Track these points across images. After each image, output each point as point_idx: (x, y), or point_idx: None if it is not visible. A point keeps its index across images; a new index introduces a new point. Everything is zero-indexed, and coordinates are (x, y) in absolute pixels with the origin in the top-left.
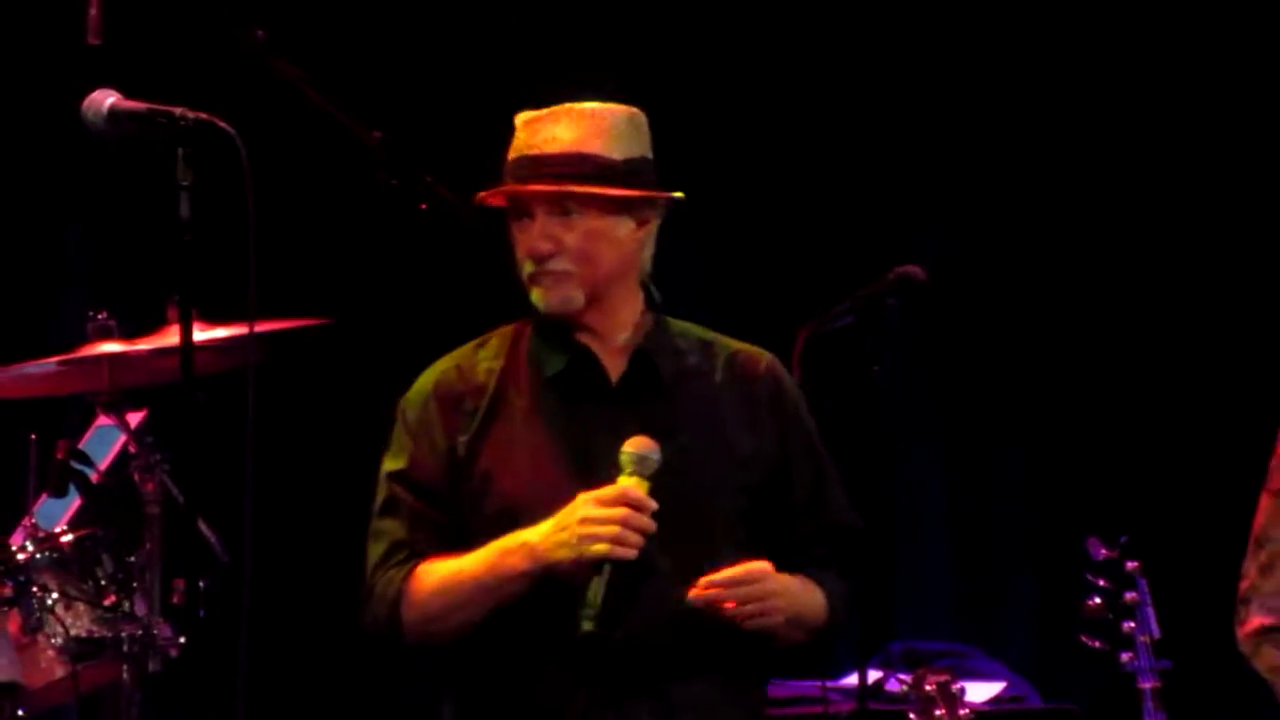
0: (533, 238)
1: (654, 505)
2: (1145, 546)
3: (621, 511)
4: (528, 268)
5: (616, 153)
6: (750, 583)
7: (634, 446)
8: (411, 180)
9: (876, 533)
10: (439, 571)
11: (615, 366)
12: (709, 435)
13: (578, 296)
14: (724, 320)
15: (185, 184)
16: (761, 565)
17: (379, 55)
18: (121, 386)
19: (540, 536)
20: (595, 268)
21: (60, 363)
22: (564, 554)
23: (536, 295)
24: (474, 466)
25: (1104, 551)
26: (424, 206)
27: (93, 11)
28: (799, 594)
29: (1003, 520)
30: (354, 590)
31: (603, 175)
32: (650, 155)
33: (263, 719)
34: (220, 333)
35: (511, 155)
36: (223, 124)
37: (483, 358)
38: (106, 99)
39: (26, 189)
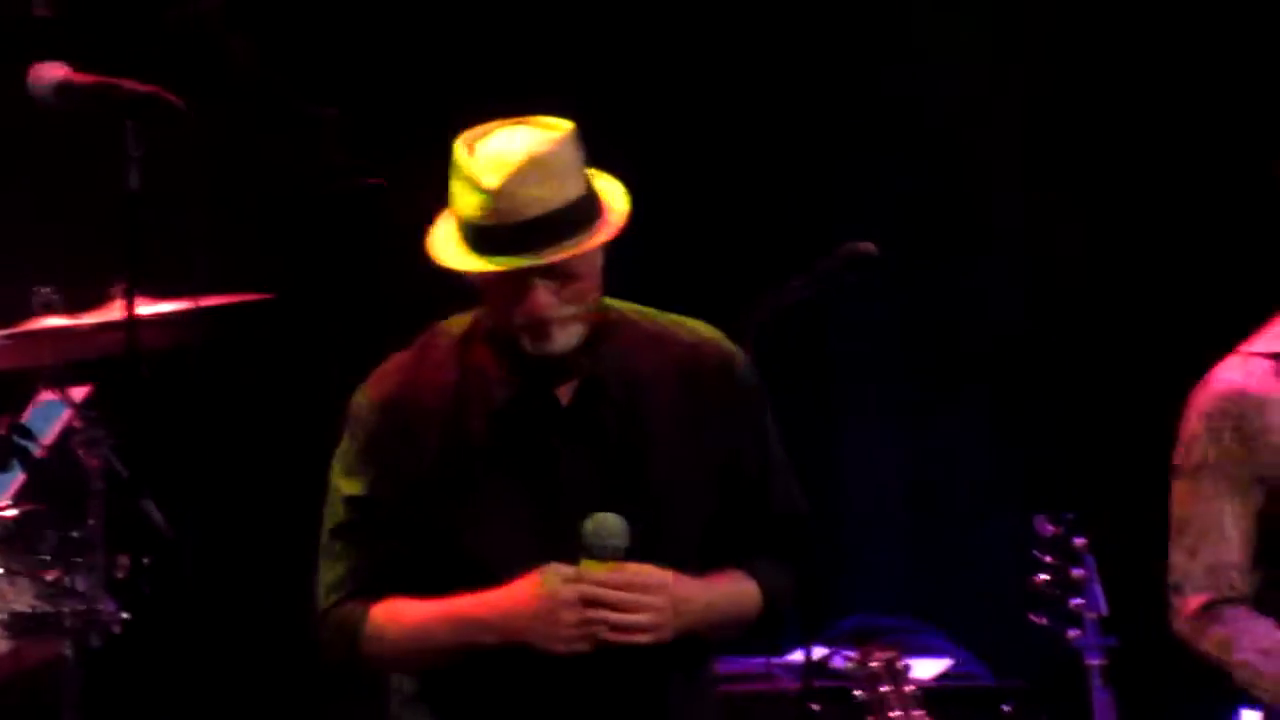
0: (534, 303)
1: (626, 597)
2: (1092, 523)
3: (602, 614)
4: (524, 323)
5: (580, 186)
6: (639, 589)
7: (597, 528)
8: (361, 156)
9: (825, 508)
10: (402, 621)
11: (566, 385)
12: (665, 450)
13: (581, 330)
14: (678, 297)
15: (134, 155)
16: (653, 572)
17: (336, 32)
18: (65, 360)
19: (514, 616)
20: (590, 300)
21: (3, 336)
22: (540, 643)
23: (538, 344)
24: (431, 501)
25: (1050, 528)
26: (374, 181)
27: None
28: (718, 600)
29: (952, 497)
30: (298, 563)
31: (585, 218)
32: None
33: (206, 696)
34: (165, 307)
35: (482, 219)
36: (171, 97)
37: (430, 369)
38: (55, 71)
39: None
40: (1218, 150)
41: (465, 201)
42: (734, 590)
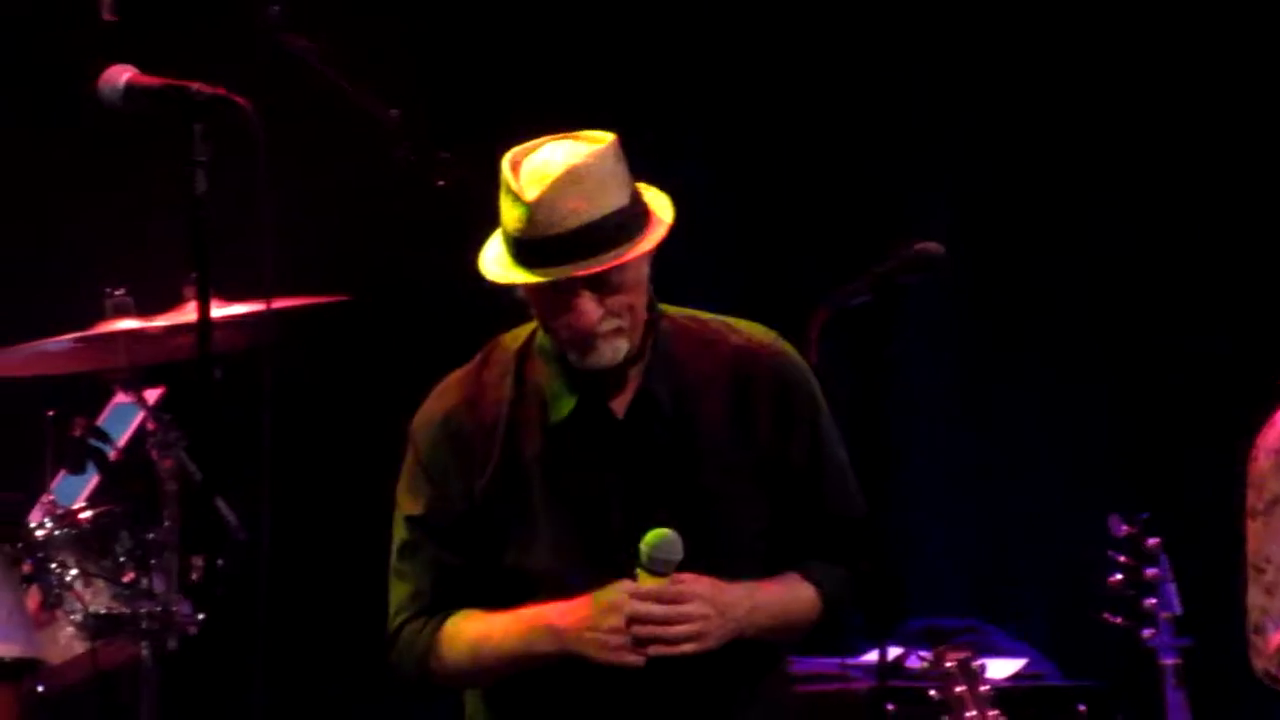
0: (582, 314)
1: (670, 611)
2: (1166, 523)
3: (647, 629)
4: (573, 335)
5: (622, 198)
6: (682, 601)
7: (654, 545)
8: (429, 157)
9: (891, 510)
10: (465, 636)
11: (619, 398)
12: (718, 459)
13: (626, 344)
14: (739, 301)
15: (201, 159)
16: (696, 582)
17: (396, 33)
18: (138, 363)
19: (569, 626)
20: (638, 313)
21: (77, 340)
22: (593, 653)
23: (584, 358)
24: (489, 517)
25: (1125, 528)
26: (441, 183)
27: None
28: (766, 602)
29: (1023, 497)
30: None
31: (627, 229)
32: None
33: (280, 698)
34: (237, 309)
35: (524, 232)
36: (238, 99)
37: (489, 384)
38: (122, 75)
39: (43, 164)
40: None
41: (509, 216)
42: (783, 593)
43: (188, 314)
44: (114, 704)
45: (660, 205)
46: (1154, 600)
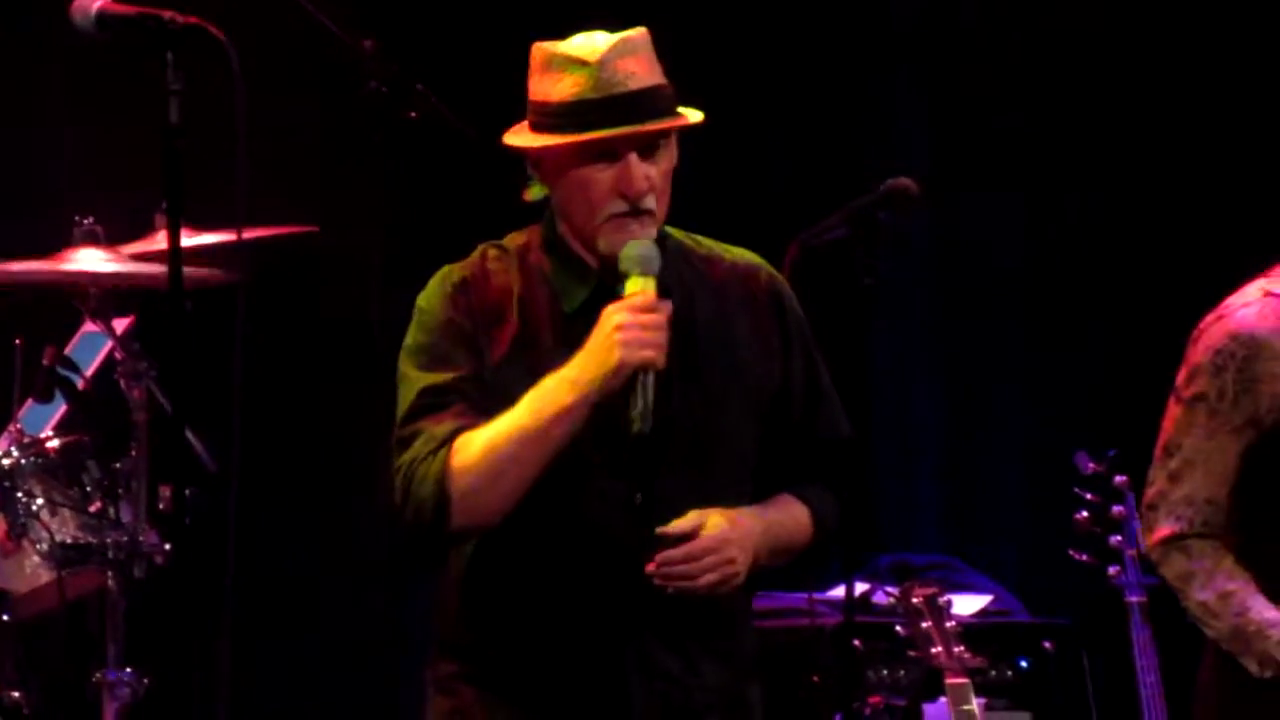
0: (631, 177)
1: (669, 306)
2: (1134, 461)
3: (656, 317)
4: (615, 207)
5: (663, 78)
6: (708, 553)
7: (635, 249)
8: (402, 88)
9: (861, 445)
10: (479, 436)
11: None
12: (725, 364)
13: (655, 229)
14: (714, 232)
15: (175, 88)
16: (716, 527)
17: None
18: (108, 292)
19: (576, 366)
20: (664, 200)
21: (46, 268)
22: (608, 364)
23: (619, 238)
24: (504, 393)
25: (1092, 465)
26: (414, 115)
27: None
28: (773, 527)
29: (991, 435)
30: (339, 496)
31: (674, 104)
32: None
33: (249, 628)
34: (208, 239)
35: (583, 94)
36: (212, 29)
37: (494, 272)
38: (95, 2)
39: (15, 91)
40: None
41: (562, 85)
42: (786, 517)
43: (158, 243)
44: (81, 633)
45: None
46: (1120, 538)
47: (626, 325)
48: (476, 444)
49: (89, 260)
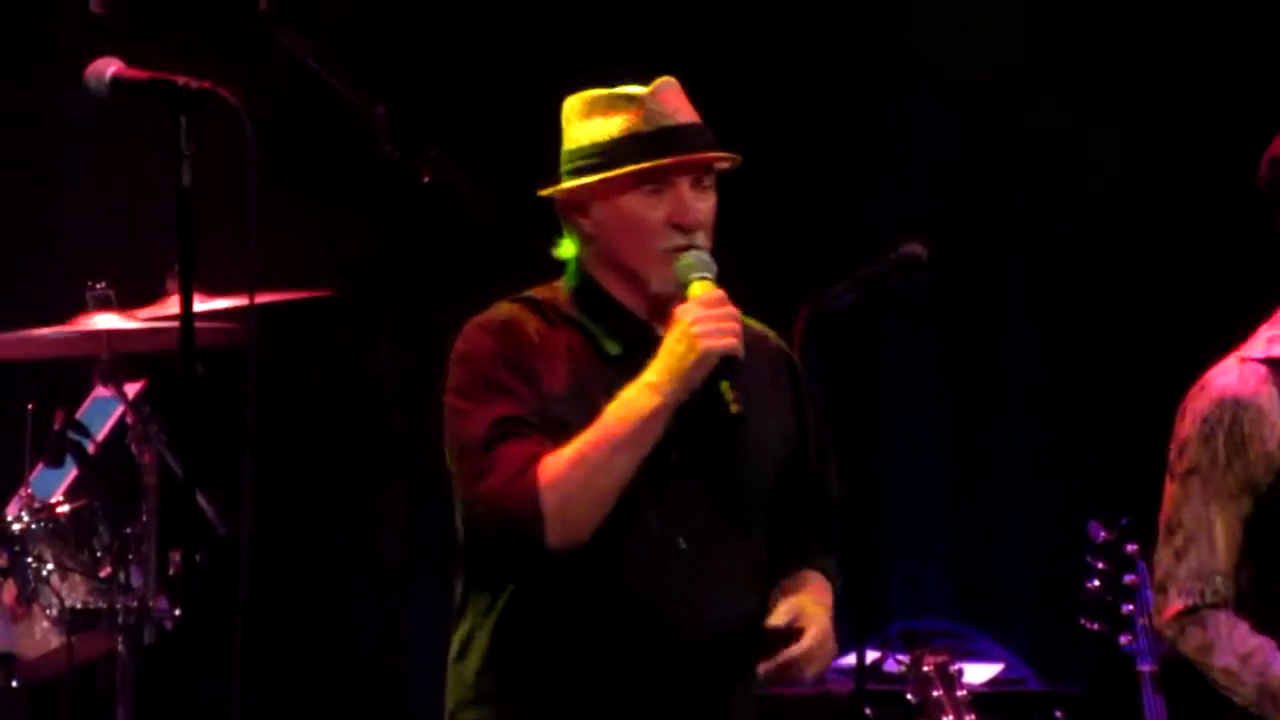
0: (686, 207)
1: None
2: (1145, 529)
3: (730, 309)
4: (671, 241)
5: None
6: (822, 648)
7: (692, 256)
8: (414, 153)
9: (870, 514)
10: (564, 454)
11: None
12: (756, 411)
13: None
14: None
15: (187, 153)
16: (817, 620)
17: (384, 30)
18: (120, 356)
19: (656, 371)
20: (710, 237)
21: (59, 333)
22: (691, 358)
23: (664, 274)
24: (561, 425)
25: (1104, 534)
26: (427, 179)
27: None
28: (828, 608)
29: (1003, 502)
30: (351, 560)
31: (717, 143)
32: None
33: (258, 694)
34: (221, 303)
35: (634, 128)
36: (226, 94)
37: (524, 319)
38: (109, 67)
39: (29, 156)
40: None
41: (611, 123)
42: (826, 596)
43: (170, 307)
44: (90, 697)
45: None
46: (1132, 606)
47: (703, 319)
48: (563, 460)
49: (102, 324)
